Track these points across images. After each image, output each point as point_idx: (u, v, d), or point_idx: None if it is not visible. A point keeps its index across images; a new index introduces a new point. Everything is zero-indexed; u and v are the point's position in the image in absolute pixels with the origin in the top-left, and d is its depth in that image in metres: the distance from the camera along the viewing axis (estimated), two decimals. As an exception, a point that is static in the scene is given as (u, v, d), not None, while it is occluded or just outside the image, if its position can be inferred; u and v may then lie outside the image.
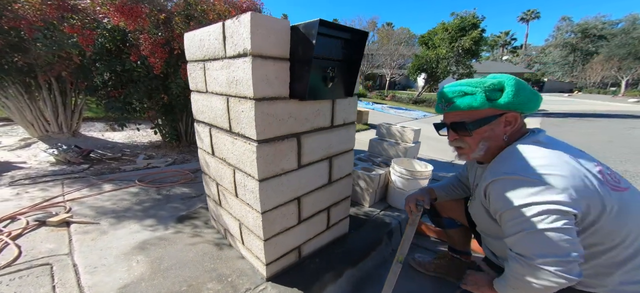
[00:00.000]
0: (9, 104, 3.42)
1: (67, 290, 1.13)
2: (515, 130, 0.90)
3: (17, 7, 2.57)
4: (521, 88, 0.84)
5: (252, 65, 0.98)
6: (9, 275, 1.20)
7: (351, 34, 1.20)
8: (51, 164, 2.78)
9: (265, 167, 1.12)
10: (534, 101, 0.87)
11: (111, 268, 1.27)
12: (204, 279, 1.23)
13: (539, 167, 0.77)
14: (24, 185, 2.21)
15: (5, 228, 1.55)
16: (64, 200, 1.94)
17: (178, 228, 1.64)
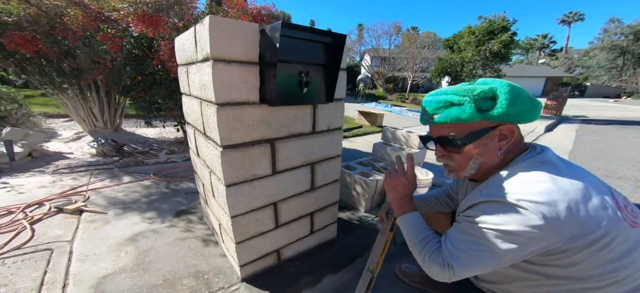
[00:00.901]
0: (67, 102, 3.81)
1: (54, 276, 1.16)
2: (512, 145, 0.72)
3: (65, 19, 2.82)
4: (517, 96, 0.66)
5: (213, 69, 0.91)
6: (14, 257, 1.28)
7: (325, 37, 1.08)
8: (91, 156, 3.02)
9: (233, 172, 1.04)
10: (532, 110, 0.69)
11: (101, 257, 1.30)
12: (181, 274, 1.20)
13: (531, 194, 0.60)
14: (62, 174, 2.41)
15: (31, 213, 1.68)
16: (87, 189, 2.07)
17: (173, 222, 1.65)
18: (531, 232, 0.59)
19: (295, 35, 0.99)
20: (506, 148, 0.72)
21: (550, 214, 0.58)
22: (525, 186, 0.63)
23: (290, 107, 1.15)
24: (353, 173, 1.99)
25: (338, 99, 1.34)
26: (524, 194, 0.61)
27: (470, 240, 0.68)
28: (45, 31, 2.83)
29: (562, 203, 0.58)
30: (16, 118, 3.95)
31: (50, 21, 2.79)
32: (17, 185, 2.19)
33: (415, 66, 20.01)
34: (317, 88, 1.16)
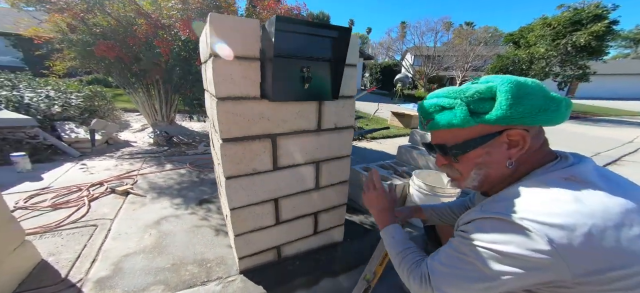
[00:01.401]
0: (137, 99, 4.47)
1: (89, 251, 1.34)
2: (528, 154, 0.57)
3: (134, 28, 3.31)
4: (524, 94, 0.52)
5: (213, 65, 0.93)
6: (69, 229, 1.52)
7: (328, 31, 1.02)
8: (148, 145, 3.50)
9: (232, 165, 1.06)
10: (551, 110, 0.53)
11: (129, 237, 1.46)
12: (188, 260, 1.28)
13: (540, 214, 0.47)
14: (124, 159, 2.83)
15: (92, 192, 2.00)
16: (137, 174, 2.39)
17: (195, 210, 1.78)
18: (532, 258, 0.46)
19: (294, 29, 0.95)
20: (519, 158, 0.57)
21: (560, 240, 0.44)
22: (537, 204, 0.49)
23: (293, 103, 1.12)
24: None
25: (347, 96, 1.26)
26: (532, 213, 0.48)
27: (459, 258, 0.56)
28: (121, 39, 3.37)
29: (581, 228, 0.43)
30: (103, 112, 4.80)
31: (125, 30, 3.30)
32: (91, 166, 2.64)
33: (467, 64, 18.09)
34: (321, 84, 1.10)
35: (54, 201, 1.85)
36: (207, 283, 1.16)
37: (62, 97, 4.20)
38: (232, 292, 1.13)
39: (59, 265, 1.22)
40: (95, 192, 1.99)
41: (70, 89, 4.76)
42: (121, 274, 1.19)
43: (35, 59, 5.33)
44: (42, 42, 3.79)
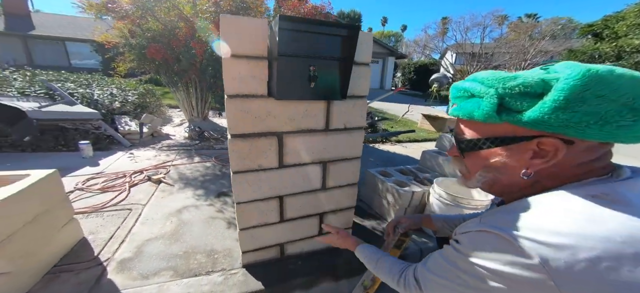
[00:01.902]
0: (178, 96, 4.93)
1: (121, 233, 1.48)
2: (559, 169, 0.45)
3: (176, 31, 3.64)
4: (587, 98, 0.38)
5: (224, 64, 0.96)
6: (109, 211, 1.71)
7: (335, 30, 0.99)
8: (184, 138, 3.82)
9: (239, 160, 1.09)
10: (620, 125, 0.38)
11: (154, 222, 1.59)
12: (199, 250, 1.35)
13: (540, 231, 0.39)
14: (162, 150, 3.13)
15: (133, 178, 2.24)
16: (170, 164, 2.61)
17: (213, 202, 1.87)
18: (520, 276, 0.39)
19: (299, 28, 0.94)
20: (542, 170, 0.46)
21: (554, 260, 0.36)
22: (540, 220, 0.40)
23: (300, 101, 1.10)
24: (387, 180, 1.77)
25: (358, 96, 1.21)
26: (531, 228, 0.40)
27: (449, 269, 0.51)
28: (166, 42, 3.74)
29: (586, 251, 0.35)
30: (152, 108, 5.39)
31: (169, 33, 3.65)
32: (137, 155, 2.97)
33: (525, 62, 16.02)
34: (329, 83, 1.07)
35: (103, 185, 2.12)
36: (211, 273, 1.21)
37: (121, 94, 4.80)
38: (232, 284, 1.15)
39: (95, 243, 1.38)
40: (136, 179, 2.23)
41: (129, 87, 5.42)
42: (140, 257, 1.30)
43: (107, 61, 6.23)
44: (110, 47, 4.40)
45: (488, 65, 18.04)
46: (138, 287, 1.11)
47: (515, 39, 17.38)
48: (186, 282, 1.15)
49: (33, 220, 1.15)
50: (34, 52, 13.04)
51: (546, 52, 15.89)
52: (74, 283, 1.11)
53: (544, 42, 15.87)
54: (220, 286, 1.14)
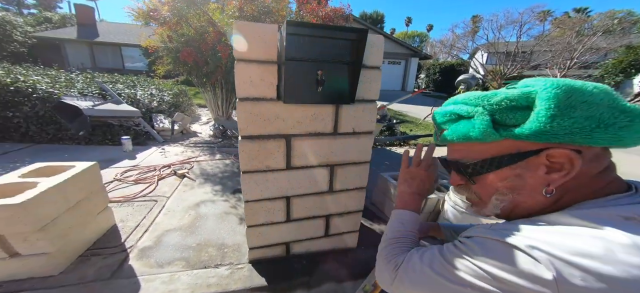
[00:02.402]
0: (206, 96, 5.22)
1: (146, 222, 1.60)
2: (579, 181, 0.42)
3: (205, 36, 3.86)
4: (573, 103, 0.38)
5: (236, 67, 1.00)
6: (139, 201, 1.85)
7: (343, 34, 0.98)
8: (209, 136, 4.03)
9: (248, 161, 1.12)
10: (618, 127, 0.38)
11: (175, 214, 1.69)
12: (210, 243, 1.41)
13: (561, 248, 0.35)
14: (189, 147, 3.33)
15: (162, 172, 2.42)
16: (194, 160, 2.77)
17: (228, 198, 1.95)
18: (526, 289, 0.36)
19: (307, 33, 0.94)
20: (563, 185, 0.42)
21: (571, 278, 0.33)
22: (567, 238, 0.36)
23: (308, 105, 1.11)
24: (400, 185, 1.71)
25: (368, 100, 1.19)
26: (550, 244, 0.36)
27: (443, 266, 0.46)
28: (197, 46, 3.98)
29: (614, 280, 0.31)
30: (184, 107, 5.78)
31: (200, 37, 3.89)
32: (167, 151, 3.20)
33: (571, 61, 14.33)
34: (338, 88, 1.06)
35: (137, 177, 2.31)
36: (219, 266, 1.26)
37: (159, 94, 5.21)
38: (237, 278, 1.19)
39: (123, 231, 1.51)
40: (164, 173, 2.40)
41: (166, 87, 5.87)
42: (159, 246, 1.39)
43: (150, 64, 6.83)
44: (152, 51, 4.81)
45: (525, 65, 16.48)
46: (153, 274, 1.19)
47: (560, 35, 15.59)
48: (196, 273, 1.21)
49: (74, 206, 1.28)
50: (97, 56, 14.70)
51: (597, 49, 13.98)
52: (101, 266, 1.22)
53: (596, 38, 13.96)
54: (226, 279, 1.19)
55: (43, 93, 3.27)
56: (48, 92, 3.31)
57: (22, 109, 3.14)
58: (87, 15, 16.19)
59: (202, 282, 1.16)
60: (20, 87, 3.18)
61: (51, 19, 19.16)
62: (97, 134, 3.44)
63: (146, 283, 1.15)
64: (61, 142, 3.27)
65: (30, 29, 15.59)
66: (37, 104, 3.19)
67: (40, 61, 7.53)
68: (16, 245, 1.08)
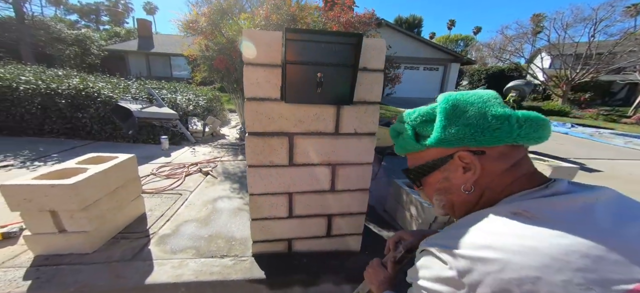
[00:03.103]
0: (235, 101, 5.67)
1: (170, 212, 1.81)
2: (491, 179, 0.49)
3: (236, 44, 4.25)
4: (457, 114, 0.49)
5: (244, 70, 1.13)
6: (167, 194, 2.11)
7: (339, 38, 1.07)
8: (234, 138, 4.37)
9: (253, 156, 1.23)
10: (493, 129, 0.46)
11: (194, 208, 1.89)
12: (221, 235, 1.56)
13: (464, 245, 0.42)
14: (215, 148, 3.66)
15: (189, 169, 2.71)
16: (219, 160, 3.04)
17: (242, 195, 2.11)
18: (439, 291, 0.42)
19: (305, 38, 1.04)
20: (479, 183, 0.50)
21: (469, 272, 0.39)
22: (471, 235, 0.43)
23: (310, 105, 1.19)
24: (412, 192, 1.68)
25: (371, 102, 1.23)
26: (458, 243, 0.43)
27: None
28: (228, 54, 4.40)
29: (499, 264, 0.37)
30: (216, 111, 6.35)
31: (231, 46, 4.30)
32: (198, 151, 3.56)
33: None
34: (335, 89, 1.14)
35: (168, 172, 2.63)
36: (225, 257, 1.38)
37: (195, 99, 5.84)
38: (239, 269, 1.30)
39: (149, 219, 1.74)
40: (191, 170, 2.69)
41: (201, 93, 6.53)
42: (176, 235, 1.57)
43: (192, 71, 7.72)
44: (192, 59, 5.45)
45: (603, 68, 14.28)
46: (166, 259, 1.36)
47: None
48: (202, 261, 1.35)
49: (113, 191, 1.52)
50: (152, 65, 17.03)
51: None
52: (126, 249, 1.42)
53: None
54: (228, 269, 1.30)
55: (105, 97, 3.92)
56: (109, 97, 3.96)
57: (89, 111, 3.80)
58: (146, 28, 18.89)
59: (206, 270, 1.30)
60: (90, 92, 3.87)
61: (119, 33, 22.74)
62: (142, 134, 3.98)
63: (158, 267, 1.31)
64: (115, 140, 3.86)
65: (104, 43, 18.70)
66: (100, 106, 3.84)
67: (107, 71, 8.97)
68: (64, 222, 1.31)
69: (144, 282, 1.20)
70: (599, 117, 12.46)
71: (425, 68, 15.87)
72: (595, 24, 14.88)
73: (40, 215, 1.27)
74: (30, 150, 3.08)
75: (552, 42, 16.50)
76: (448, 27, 56.73)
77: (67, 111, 3.69)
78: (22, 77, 3.74)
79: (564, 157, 4.74)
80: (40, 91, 3.61)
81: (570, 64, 15.27)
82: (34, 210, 1.25)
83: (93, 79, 4.81)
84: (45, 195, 1.24)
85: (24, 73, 4.07)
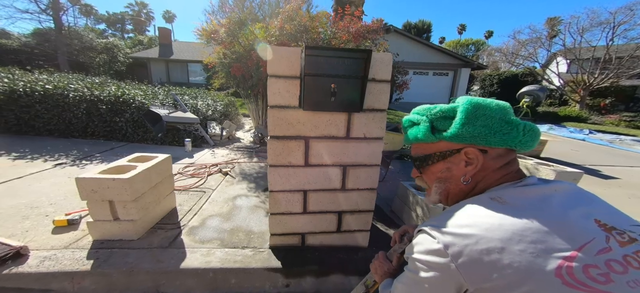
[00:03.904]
0: (250, 106, 5.90)
1: (195, 208, 1.98)
2: (486, 173, 0.60)
3: (251, 53, 4.47)
4: (477, 115, 0.57)
5: (268, 82, 1.28)
6: (192, 191, 2.30)
7: (349, 54, 1.22)
8: (249, 142, 4.57)
9: (274, 156, 1.37)
10: (503, 133, 0.56)
11: (217, 204, 2.06)
12: (240, 229, 1.71)
13: (451, 225, 0.52)
14: (232, 150, 3.86)
15: (211, 169, 2.91)
16: (236, 162, 3.23)
17: (259, 194, 2.28)
18: (433, 262, 0.51)
19: (321, 54, 1.18)
20: (476, 176, 0.60)
21: (452, 245, 0.48)
22: (454, 216, 0.53)
23: (324, 112, 1.32)
24: (419, 194, 1.77)
25: (377, 109, 1.35)
26: (446, 223, 0.53)
27: (407, 277, 0.60)
28: (244, 62, 4.63)
29: (476, 233, 0.47)
30: (232, 116, 6.62)
31: (247, 54, 4.52)
32: (216, 152, 3.77)
33: None
34: (347, 98, 1.27)
35: (193, 172, 2.83)
36: (245, 248, 1.52)
37: (213, 104, 6.12)
38: (258, 259, 1.44)
39: (180, 212, 1.91)
40: (212, 170, 2.89)
41: (219, 98, 6.83)
42: (202, 227, 1.74)
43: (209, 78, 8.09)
44: (211, 67, 5.74)
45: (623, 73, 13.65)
46: (196, 248, 1.52)
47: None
48: (227, 250, 1.50)
49: (154, 186, 1.69)
50: (171, 72, 17.78)
51: None
52: (162, 237, 1.60)
53: None
54: (248, 258, 1.44)
55: (138, 103, 4.24)
56: (141, 103, 4.28)
57: (125, 115, 4.13)
58: (166, 36, 19.81)
59: (231, 259, 1.44)
60: (126, 98, 4.20)
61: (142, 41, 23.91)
62: (168, 136, 4.25)
63: (190, 254, 1.47)
64: (145, 142, 4.16)
65: (129, 50, 19.73)
66: (134, 111, 4.16)
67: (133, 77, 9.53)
68: (118, 211, 1.50)
69: (180, 267, 1.36)
70: (621, 123, 11.92)
71: (435, 73, 15.72)
72: (613, 28, 14.30)
73: (101, 204, 1.47)
74: (78, 150, 3.40)
75: (568, 46, 15.97)
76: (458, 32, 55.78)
77: (107, 115, 4.05)
78: (71, 85, 4.12)
79: (575, 163, 4.63)
80: (85, 98, 3.98)
81: (587, 69, 14.72)
82: (98, 199, 1.45)
83: (125, 85, 5.18)
84: (107, 187, 1.43)
85: (72, 82, 4.46)
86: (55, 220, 1.64)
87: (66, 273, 1.29)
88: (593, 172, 4.19)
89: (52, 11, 16.04)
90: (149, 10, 55.05)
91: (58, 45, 15.51)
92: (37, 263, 1.32)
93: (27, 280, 1.27)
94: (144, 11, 54.38)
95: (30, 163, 2.78)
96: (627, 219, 0.49)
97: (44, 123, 3.89)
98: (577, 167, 4.31)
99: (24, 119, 3.81)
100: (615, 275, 0.40)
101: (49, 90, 3.87)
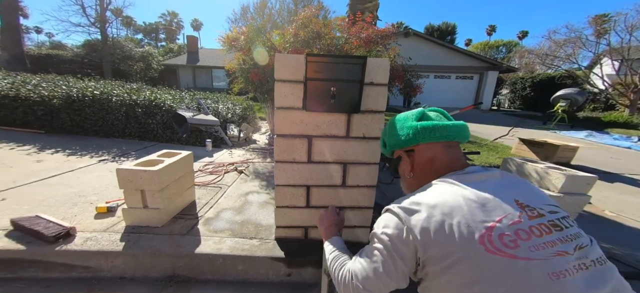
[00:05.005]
0: (266, 110, 6.17)
1: (212, 202, 2.18)
2: (421, 168, 0.77)
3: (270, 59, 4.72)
4: (391, 126, 0.84)
5: (275, 86, 1.43)
6: (210, 187, 2.51)
7: (347, 60, 1.35)
8: (264, 143, 4.81)
9: (280, 153, 1.51)
10: (404, 137, 0.78)
11: (230, 199, 2.25)
12: (251, 222, 1.86)
13: (406, 202, 0.65)
14: (248, 151, 4.10)
15: (227, 167, 3.13)
16: (251, 162, 3.44)
17: (269, 191, 2.45)
18: (394, 233, 0.62)
19: (322, 61, 1.31)
20: (413, 170, 0.78)
21: (406, 216, 0.60)
22: (414, 197, 0.65)
23: (326, 113, 1.44)
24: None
25: (376, 110, 1.44)
26: (405, 202, 0.64)
27: (371, 250, 0.68)
28: (261, 68, 4.90)
29: (425, 209, 0.59)
30: (250, 119, 6.96)
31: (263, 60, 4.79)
32: (234, 153, 4.02)
33: None
34: (346, 100, 1.38)
35: (211, 169, 3.08)
36: (253, 239, 1.67)
37: (233, 108, 6.50)
38: (264, 248, 1.57)
39: (198, 205, 2.12)
40: (229, 169, 3.12)
41: (238, 102, 7.22)
42: (217, 218, 1.92)
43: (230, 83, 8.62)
44: (232, 72, 6.12)
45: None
46: (210, 236, 1.69)
47: None
48: (236, 240, 1.66)
49: (177, 179, 1.91)
50: (197, 78, 19.02)
51: None
52: (182, 226, 1.79)
53: None
54: (255, 248, 1.59)
55: (168, 107, 4.68)
56: (170, 106, 4.72)
57: (157, 117, 4.59)
58: (193, 44, 21.27)
59: (239, 247, 1.60)
60: (158, 102, 4.67)
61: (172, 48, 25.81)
62: (191, 137, 4.63)
63: (205, 241, 1.64)
64: (172, 142, 4.57)
65: (161, 58, 21.40)
66: (164, 114, 4.60)
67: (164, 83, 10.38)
68: (148, 199, 1.72)
69: (195, 252, 1.54)
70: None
71: (458, 77, 15.17)
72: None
73: (135, 193, 1.70)
74: (117, 149, 3.86)
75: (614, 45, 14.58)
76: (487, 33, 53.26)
77: (142, 118, 4.55)
78: (114, 91, 4.68)
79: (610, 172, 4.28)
80: (125, 102, 4.51)
81: (638, 70, 13.34)
82: (132, 189, 1.69)
83: (157, 90, 5.71)
84: (140, 178, 1.66)
85: (115, 88, 5.07)
86: (97, 207, 1.91)
87: (103, 252, 1.51)
88: (631, 181, 3.86)
89: (99, 24, 17.96)
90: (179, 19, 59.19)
91: (103, 55, 17.32)
92: (81, 242, 1.56)
93: (73, 257, 1.51)
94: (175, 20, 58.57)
95: (79, 159, 3.21)
96: (544, 200, 0.59)
97: (91, 124, 4.45)
98: (611, 175, 3.99)
99: (76, 121, 4.39)
100: (521, 241, 0.50)
101: (96, 96, 4.44)
